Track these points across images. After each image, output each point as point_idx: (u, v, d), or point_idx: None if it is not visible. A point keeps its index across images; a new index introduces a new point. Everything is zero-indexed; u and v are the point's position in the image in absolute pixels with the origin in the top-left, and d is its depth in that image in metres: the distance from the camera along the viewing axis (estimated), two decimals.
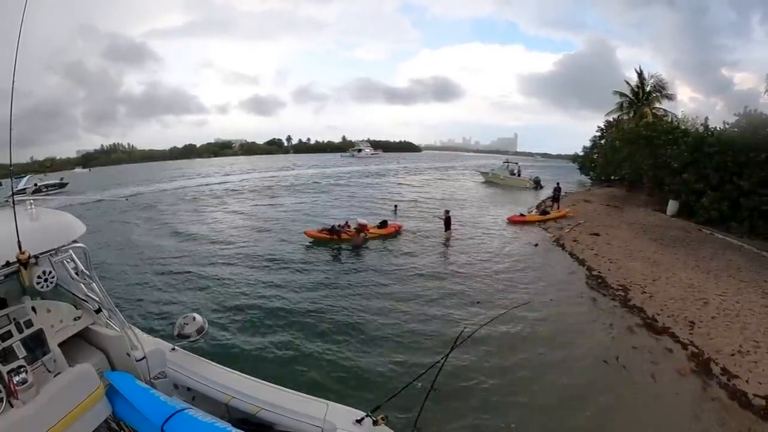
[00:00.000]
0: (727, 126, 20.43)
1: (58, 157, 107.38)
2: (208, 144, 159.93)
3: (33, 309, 3.76)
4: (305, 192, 35.12)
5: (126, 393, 3.53)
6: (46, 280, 3.49)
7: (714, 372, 7.10)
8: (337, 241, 16.04)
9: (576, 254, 14.78)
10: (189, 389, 4.24)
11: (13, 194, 3.74)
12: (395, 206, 24.31)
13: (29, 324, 3.60)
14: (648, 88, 33.60)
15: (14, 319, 3.54)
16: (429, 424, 5.45)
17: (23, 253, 3.26)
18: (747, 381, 6.71)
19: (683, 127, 24.80)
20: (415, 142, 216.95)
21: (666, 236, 16.61)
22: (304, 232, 16.88)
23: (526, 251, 15.65)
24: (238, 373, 4.21)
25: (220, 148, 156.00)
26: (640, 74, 34.16)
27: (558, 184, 25.20)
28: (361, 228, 16.20)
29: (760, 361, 7.21)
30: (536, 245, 16.42)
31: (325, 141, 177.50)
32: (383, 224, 17.56)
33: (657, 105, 33.21)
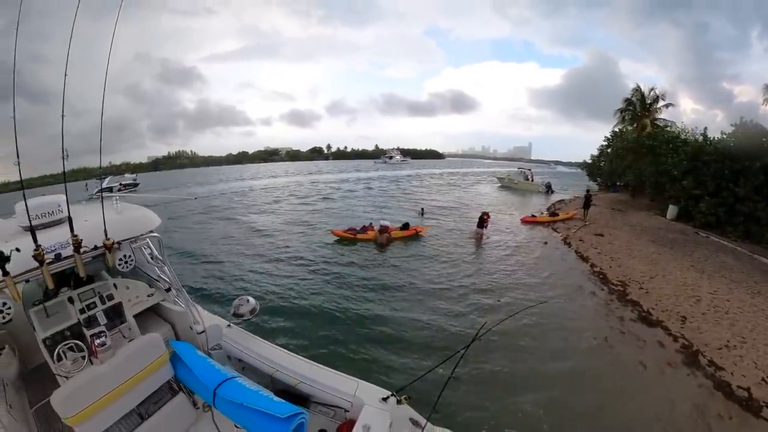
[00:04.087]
0: (724, 136, 19.53)
1: (131, 162, 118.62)
2: (258, 151, 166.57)
3: (114, 285, 4.02)
4: (340, 194, 35.38)
5: (186, 360, 3.63)
6: (126, 263, 3.74)
7: (702, 363, 6.99)
8: (360, 240, 16.04)
9: (581, 252, 14.55)
10: (240, 360, 4.34)
11: (102, 192, 4.07)
12: (422, 209, 23.89)
13: (111, 297, 3.90)
14: (648, 101, 32.44)
15: (99, 292, 3.84)
16: (447, 407, 5.53)
17: (108, 239, 3.49)
18: (732, 373, 6.58)
19: (683, 137, 23.92)
20: (439, 150, 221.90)
21: (665, 238, 16.07)
22: (331, 231, 17.03)
23: (537, 249, 15.50)
24: (282, 349, 4.28)
25: (269, 155, 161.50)
26: (637, 90, 33.09)
27: (588, 191, 22.72)
28: (384, 229, 16.09)
29: (745, 355, 7.04)
30: (546, 243, 16.28)
31: (360, 149, 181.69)
32: (405, 226, 17.34)
33: (658, 116, 32.03)
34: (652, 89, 32.47)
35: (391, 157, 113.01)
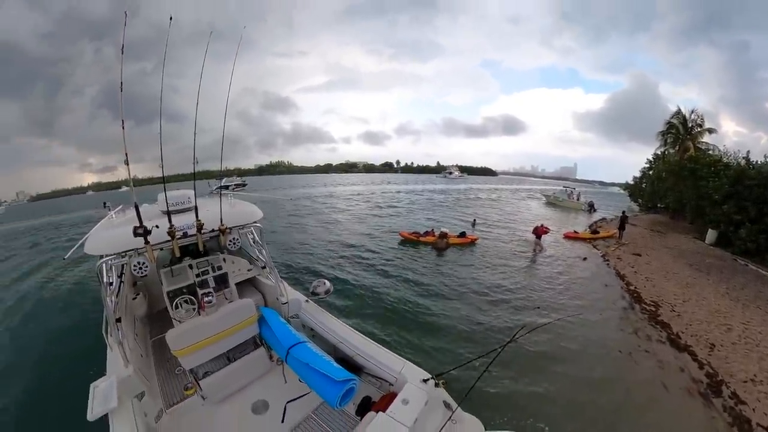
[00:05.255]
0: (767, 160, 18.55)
1: (242, 168, 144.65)
2: (340, 164, 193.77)
3: (224, 260, 4.96)
4: (404, 203, 38.07)
5: (270, 323, 4.38)
6: (234, 243, 4.64)
7: (724, 394, 6.69)
8: (421, 243, 17.30)
9: (618, 270, 14.40)
10: (311, 329, 4.97)
11: (220, 189, 5.22)
12: (474, 220, 24.92)
13: (220, 268, 4.77)
14: (690, 124, 30.84)
15: (211, 263, 4.74)
16: (479, 396, 5.69)
17: (223, 225, 4.36)
18: (754, 409, 6.21)
19: (725, 161, 22.67)
20: (492, 168, 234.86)
21: (702, 263, 15.42)
22: (399, 233, 18.75)
23: (577, 264, 15.54)
24: (347, 325, 4.78)
25: (349, 167, 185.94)
26: (678, 112, 31.54)
27: (624, 212, 21.68)
28: (444, 235, 17.19)
29: None
30: (585, 259, 16.24)
31: (424, 164, 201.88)
32: (462, 234, 18.38)
33: (700, 139, 30.38)
34: (693, 111, 30.91)
35: (450, 173, 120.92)
